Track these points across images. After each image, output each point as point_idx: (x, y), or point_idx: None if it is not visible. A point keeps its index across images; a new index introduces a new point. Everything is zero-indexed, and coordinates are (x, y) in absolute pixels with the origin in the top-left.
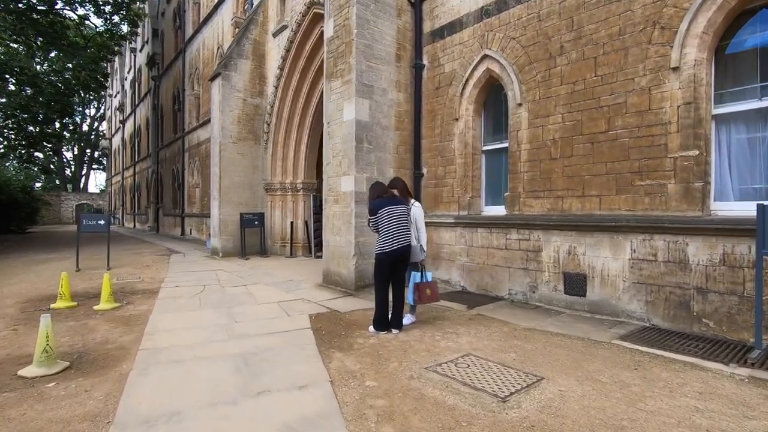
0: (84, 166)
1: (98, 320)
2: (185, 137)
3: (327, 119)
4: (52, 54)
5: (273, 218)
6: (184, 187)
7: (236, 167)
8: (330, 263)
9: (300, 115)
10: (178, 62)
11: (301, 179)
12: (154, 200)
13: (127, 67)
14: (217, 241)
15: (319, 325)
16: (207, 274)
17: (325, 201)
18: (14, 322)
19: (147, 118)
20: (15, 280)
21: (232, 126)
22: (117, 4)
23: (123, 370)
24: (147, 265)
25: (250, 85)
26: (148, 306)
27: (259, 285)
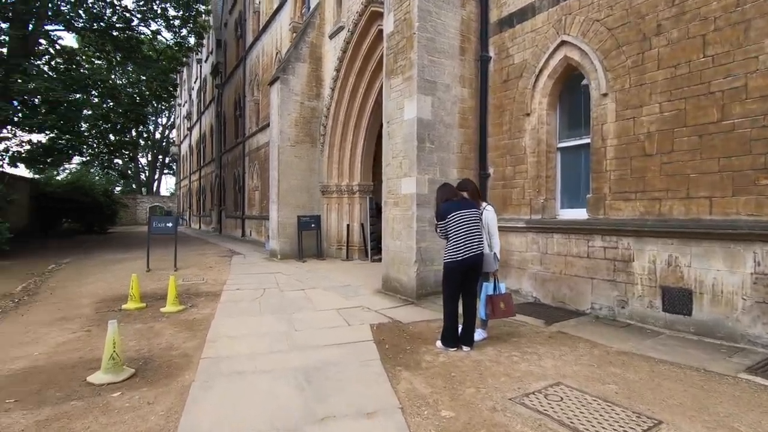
0: (156, 171)
1: (164, 324)
2: (245, 142)
3: (386, 119)
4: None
5: (329, 221)
6: (245, 190)
7: (293, 170)
8: (389, 269)
9: (356, 116)
10: (239, 70)
11: (357, 181)
12: (218, 203)
13: (194, 78)
14: (276, 243)
15: (382, 337)
16: (266, 276)
17: (385, 204)
18: (89, 323)
19: (211, 125)
20: (92, 279)
21: (289, 129)
22: (185, 18)
23: (185, 380)
24: (210, 266)
25: (307, 88)
26: (210, 310)
27: (317, 290)
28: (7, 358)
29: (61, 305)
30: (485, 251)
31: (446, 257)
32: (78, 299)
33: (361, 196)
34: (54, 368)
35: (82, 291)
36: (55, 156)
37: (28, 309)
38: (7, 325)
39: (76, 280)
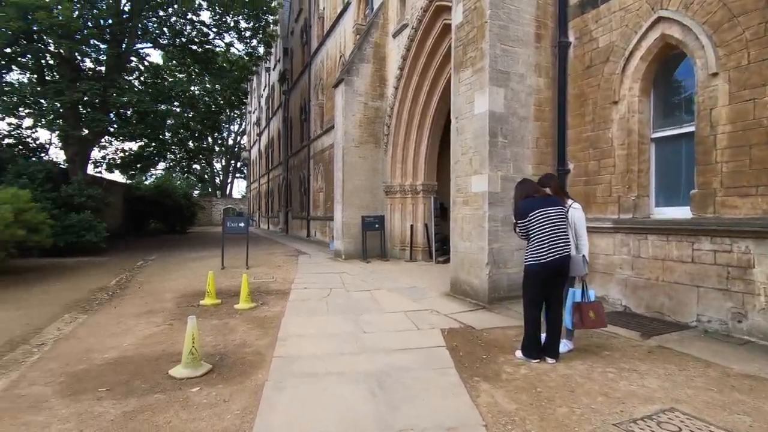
0: (229, 175)
1: (237, 320)
2: (310, 145)
3: (455, 114)
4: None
5: (392, 221)
6: (310, 192)
7: (357, 171)
8: (459, 271)
9: (420, 115)
10: (304, 76)
11: (421, 181)
12: (284, 204)
13: (263, 86)
14: (340, 244)
15: (455, 343)
16: (332, 276)
17: (453, 203)
18: (171, 317)
19: (278, 130)
20: (174, 275)
21: (353, 130)
22: (255, 29)
23: (258, 379)
24: (278, 265)
25: (371, 89)
26: (280, 308)
27: (383, 291)
28: (102, 348)
29: (148, 299)
30: (572, 253)
31: (528, 259)
32: (162, 294)
33: (425, 195)
34: (141, 360)
35: (165, 286)
36: (144, 162)
37: (120, 301)
38: (102, 316)
39: (160, 276)
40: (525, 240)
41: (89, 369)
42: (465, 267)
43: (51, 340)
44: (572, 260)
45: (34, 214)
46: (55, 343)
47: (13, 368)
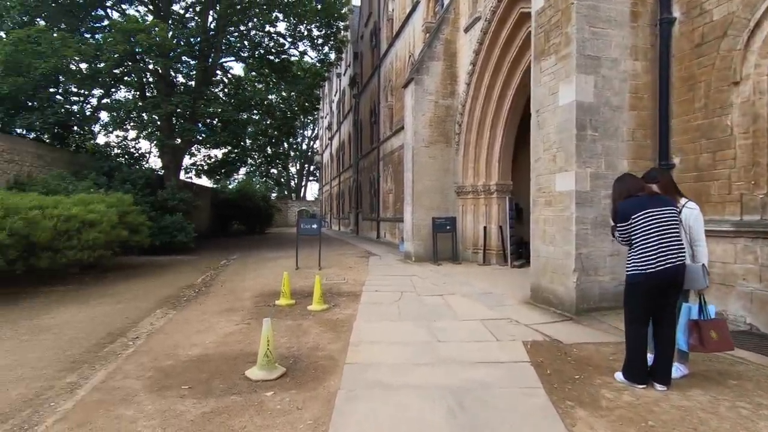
0: (303, 178)
1: (310, 322)
2: (380, 147)
3: (536, 107)
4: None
5: (464, 222)
6: (379, 193)
7: (427, 171)
8: (540, 278)
9: (494, 111)
10: (374, 79)
11: (495, 181)
12: (354, 206)
13: (334, 91)
14: (410, 246)
15: (540, 359)
16: (402, 279)
17: (533, 203)
18: (249, 316)
19: (349, 133)
20: (252, 275)
21: (423, 130)
22: (327, 36)
23: (331, 387)
24: (349, 266)
25: (441, 86)
26: (352, 311)
27: (456, 296)
28: (188, 344)
29: (229, 297)
30: (687, 262)
31: (630, 268)
32: (241, 292)
33: (499, 196)
34: (220, 358)
35: (244, 285)
36: (228, 168)
37: (204, 299)
38: (189, 312)
39: (240, 275)
40: (627, 246)
41: (175, 365)
42: (547, 273)
43: (144, 334)
44: (689, 271)
45: (135, 216)
46: (147, 337)
47: (111, 360)
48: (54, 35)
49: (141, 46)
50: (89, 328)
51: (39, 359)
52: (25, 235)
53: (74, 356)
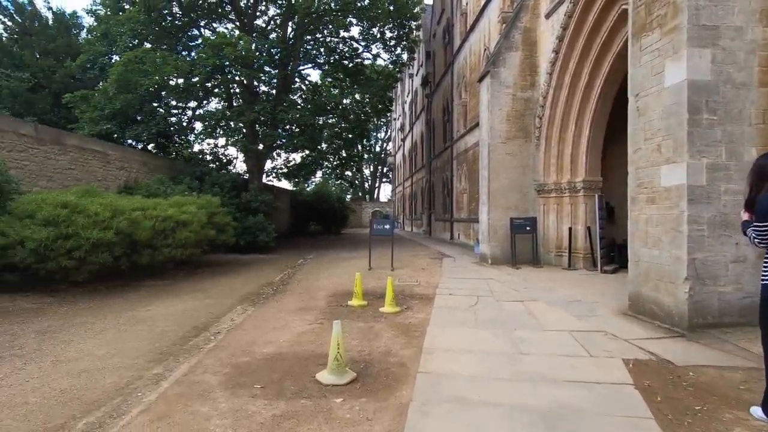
0: (376, 180)
1: (382, 325)
2: (453, 145)
3: (634, 90)
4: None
5: (546, 223)
6: (453, 193)
7: (505, 169)
8: (642, 285)
9: (580, 101)
10: (446, 76)
11: (582, 177)
12: (427, 206)
13: (406, 92)
14: (486, 248)
15: (647, 382)
16: (478, 282)
17: (632, 201)
18: (321, 316)
19: (421, 133)
20: (326, 274)
21: (500, 125)
22: (399, 37)
23: (403, 397)
24: (422, 268)
25: (520, 78)
26: (425, 314)
27: (539, 303)
28: (263, 342)
29: (304, 296)
30: None
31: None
32: (316, 291)
33: (586, 194)
34: (292, 358)
35: (319, 284)
36: (305, 170)
37: (281, 297)
38: (266, 309)
39: (314, 274)
40: (765, 249)
41: (250, 362)
42: (651, 281)
43: (225, 329)
44: None
45: (221, 216)
46: (227, 333)
47: (194, 353)
48: (156, 54)
49: (228, 58)
50: (179, 321)
51: (134, 349)
52: (128, 233)
53: (162, 348)
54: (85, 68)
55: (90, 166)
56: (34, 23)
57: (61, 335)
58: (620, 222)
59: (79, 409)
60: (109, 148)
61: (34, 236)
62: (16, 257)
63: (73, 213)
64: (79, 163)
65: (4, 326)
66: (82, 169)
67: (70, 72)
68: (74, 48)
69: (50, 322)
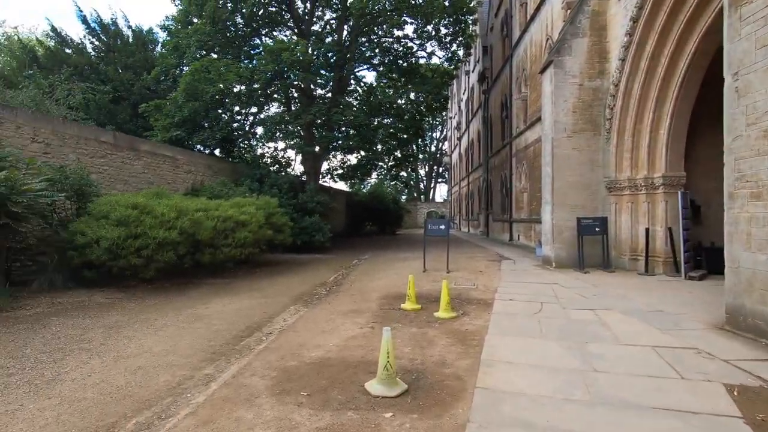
0: (432, 180)
1: (436, 331)
2: (512, 142)
3: (733, 68)
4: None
5: (618, 224)
6: (512, 192)
7: (570, 165)
8: (744, 296)
9: (658, 88)
10: (505, 70)
11: (661, 172)
12: (485, 206)
13: (462, 89)
14: (550, 250)
15: (760, 415)
16: (542, 287)
17: (730, 197)
18: (373, 319)
19: (478, 131)
20: (380, 275)
21: (565, 118)
22: (455, 33)
23: (458, 416)
24: (480, 270)
25: (587, 66)
26: (483, 321)
27: (613, 312)
28: (312, 345)
29: (356, 297)
30: None
31: None
32: (368, 293)
33: (666, 191)
34: (341, 364)
35: (372, 286)
36: (361, 170)
37: (334, 298)
38: (318, 310)
39: (369, 275)
40: None
41: (298, 366)
42: (756, 291)
43: (277, 330)
44: None
45: (279, 217)
46: (279, 334)
47: (245, 353)
48: (220, 63)
49: (285, 63)
50: (233, 320)
51: (189, 347)
52: (191, 233)
53: (215, 347)
54: (159, 80)
55: (161, 170)
56: (117, 41)
57: (125, 330)
58: (707, 222)
59: (131, 407)
60: (178, 153)
61: (108, 235)
62: (92, 255)
63: (142, 214)
64: (151, 167)
65: (78, 319)
66: (154, 173)
67: (147, 84)
68: (150, 62)
69: (118, 317)
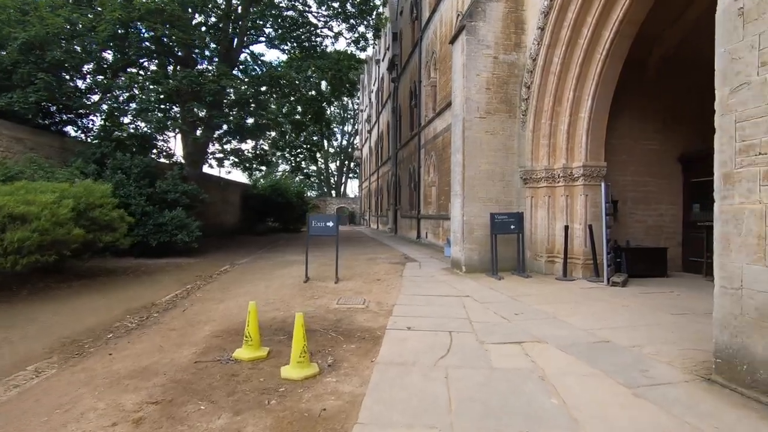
0: (343, 175)
1: (269, 420)
2: (421, 133)
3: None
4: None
5: (534, 220)
6: (420, 187)
7: (484, 151)
8: (750, 335)
9: (580, 64)
10: (414, 55)
11: (581, 162)
12: (393, 202)
13: (373, 79)
14: (459, 251)
15: None
16: (450, 305)
17: (725, 180)
18: (163, 393)
19: (387, 123)
20: (243, 290)
21: (478, 95)
22: (362, 12)
23: None
24: (378, 278)
25: (503, 36)
26: (356, 385)
27: (549, 348)
28: None
29: (173, 336)
30: None
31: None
32: (200, 325)
33: (586, 183)
34: None
35: (217, 310)
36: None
37: (137, 337)
38: (76, 373)
39: (225, 291)
40: None
41: None
42: (765, 324)
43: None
44: None
45: (106, 211)
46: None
47: None
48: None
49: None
50: None
51: None
52: None
53: None
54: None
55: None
56: None
57: None
58: (623, 219)
59: None
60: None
61: None
62: None
63: None
64: None
65: None
66: None
67: None
68: None
69: None
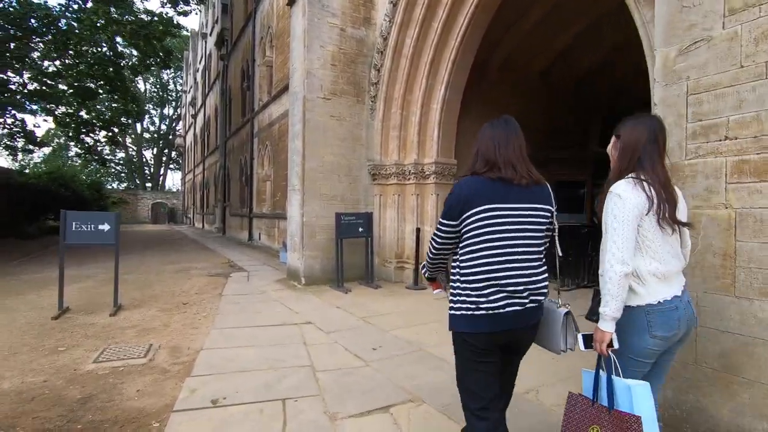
0: (162, 165)
1: None
2: (254, 119)
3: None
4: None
5: (383, 222)
6: (253, 182)
7: (328, 139)
8: (710, 390)
9: (434, 48)
10: (247, 30)
11: (433, 158)
12: (221, 198)
13: (199, 57)
14: (297, 259)
15: None
16: (285, 341)
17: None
18: None
19: (215, 106)
20: None
21: (322, 71)
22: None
23: None
24: (185, 300)
25: (351, 7)
26: None
27: (430, 411)
28: None
29: None
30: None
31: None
32: None
33: (438, 181)
34: None
35: None
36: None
37: None
38: None
39: None
40: None
41: None
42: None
43: None
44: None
45: None
46: None
47: None
48: None
49: None
50: None
51: None
52: None
53: None
54: None
55: None
56: None
57: None
58: None
59: None
60: None
61: None
62: None
63: None
64: None
65: None
66: None
67: None
68: None
69: None
